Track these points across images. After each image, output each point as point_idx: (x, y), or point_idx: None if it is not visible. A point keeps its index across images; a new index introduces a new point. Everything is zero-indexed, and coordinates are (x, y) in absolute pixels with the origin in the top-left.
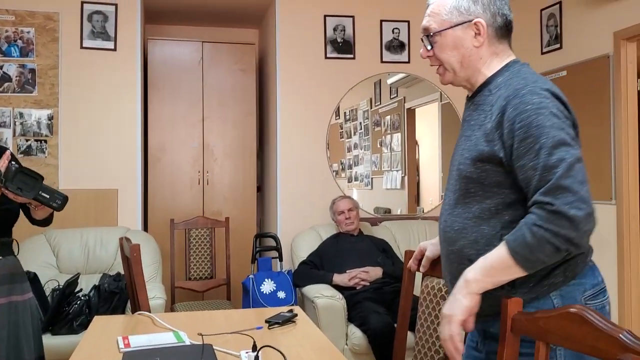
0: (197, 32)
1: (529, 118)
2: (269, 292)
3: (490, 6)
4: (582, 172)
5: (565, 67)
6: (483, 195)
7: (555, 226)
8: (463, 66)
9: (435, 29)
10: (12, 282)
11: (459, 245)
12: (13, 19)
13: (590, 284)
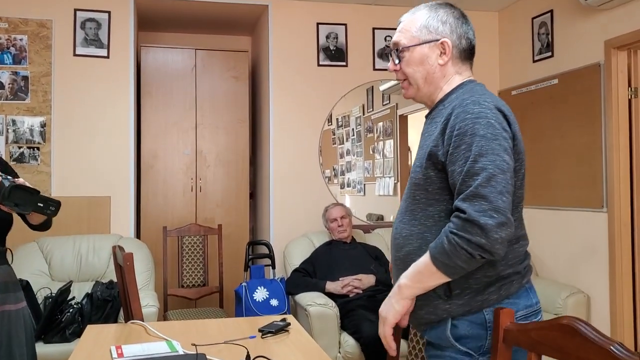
0: (190, 40)
1: (466, 126)
2: (262, 300)
3: (457, 29)
4: (503, 183)
5: (557, 75)
6: (426, 203)
7: (467, 234)
8: (426, 82)
9: (405, 44)
10: (5, 291)
11: (404, 251)
12: (6, 27)
13: (524, 305)
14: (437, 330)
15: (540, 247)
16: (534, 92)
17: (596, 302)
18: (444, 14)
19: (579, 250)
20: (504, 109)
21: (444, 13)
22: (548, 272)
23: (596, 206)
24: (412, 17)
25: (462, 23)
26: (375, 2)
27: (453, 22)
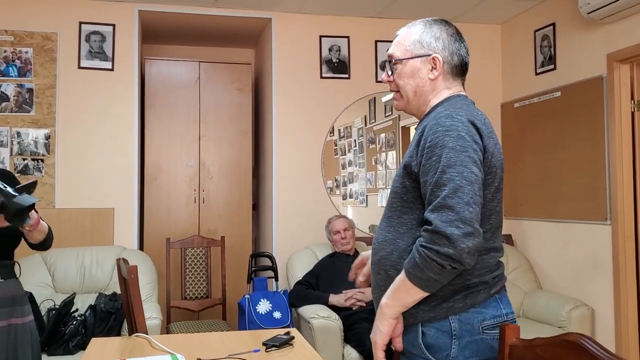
0: (194, 52)
1: (437, 138)
2: (265, 313)
3: (449, 45)
4: (470, 194)
5: (560, 88)
6: (402, 210)
7: (435, 245)
8: (416, 95)
9: (398, 57)
10: (12, 304)
11: (378, 256)
12: (12, 39)
13: (491, 314)
14: (409, 336)
15: (543, 259)
16: (537, 104)
17: (601, 315)
18: (438, 30)
19: (583, 262)
20: (477, 122)
21: (438, 29)
22: (551, 284)
23: (600, 219)
24: (408, 32)
25: (455, 40)
26: (378, 15)
27: (446, 38)
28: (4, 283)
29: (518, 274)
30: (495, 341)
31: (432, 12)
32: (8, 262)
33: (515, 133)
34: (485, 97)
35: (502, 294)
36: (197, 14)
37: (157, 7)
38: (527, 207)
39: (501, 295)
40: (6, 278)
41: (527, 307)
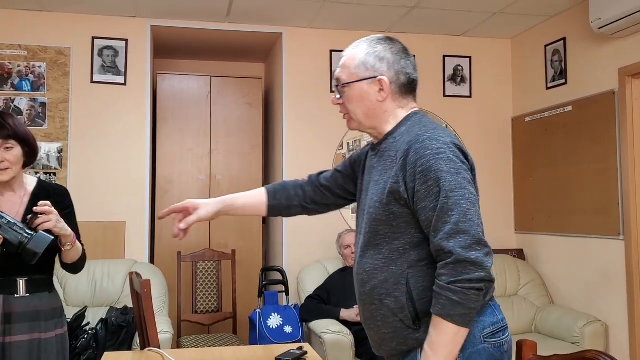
0: (205, 67)
1: (428, 162)
2: (276, 327)
3: (394, 65)
4: (477, 215)
5: (571, 103)
6: (392, 237)
7: (464, 274)
8: (368, 117)
9: (344, 80)
10: (36, 319)
11: (369, 286)
12: (25, 54)
13: (490, 322)
14: (408, 358)
15: (555, 274)
16: (548, 119)
17: (614, 331)
18: (382, 50)
19: (596, 278)
20: (457, 141)
21: (382, 49)
22: (564, 300)
23: (612, 233)
24: (352, 53)
25: (401, 58)
26: (389, 30)
27: (391, 57)
28: (29, 298)
29: (530, 289)
30: (496, 349)
31: (442, 26)
32: (39, 277)
33: (526, 147)
34: (496, 111)
35: (494, 301)
36: (209, 29)
37: (169, 22)
38: (539, 221)
39: (494, 302)
40: (32, 292)
41: (539, 322)
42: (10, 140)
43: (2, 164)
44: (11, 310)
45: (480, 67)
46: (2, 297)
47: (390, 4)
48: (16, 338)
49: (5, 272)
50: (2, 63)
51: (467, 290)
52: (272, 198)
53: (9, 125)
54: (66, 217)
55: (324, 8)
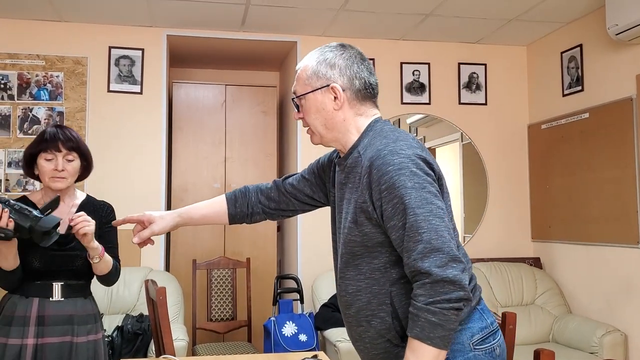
0: (220, 76)
1: (391, 179)
2: (291, 335)
3: (346, 70)
4: (447, 229)
5: (588, 110)
6: (370, 256)
7: (443, 294)
8: (327, 128)
9: (299, 92)
10: (69, 323)
11: (354, 308)
12: (43, 64)
13: (478, 327)
14: None
15: (573, 283)
16: (564, 126)
17: (634, 341)
18: (333, 57)
19: (614, 287)
20: (419, 150)
21: (332, 56)
22: (582, 309)
23: (631, 242)
24: (304, 65)
25: (354, 63)
26: (403, 37)
27: (342, 63)
28: (63, 302)
29: (546, 298)
30: (487, 355)
31: (457, 34)
32: (75, 282)
33: (542, 154)
34: (511, 118)
35: (481, 304)
36: (224, 38)
37: (185, 31)
38: (556, 229)
39: (481, 306)
40: (67, 297)
41: (556, 331)
42: (72, 152)
43: (61, 173)
44: (45, 313)
45: (496, 75)
46: (38, 300)
47: (405, 11)
48: (48, 340)
49: (43, 276)
50: (20, 73)
51: (446, 311)
52: (233, 206)
53: (74, 138)
54: (106, 232)
55: (338, 16)
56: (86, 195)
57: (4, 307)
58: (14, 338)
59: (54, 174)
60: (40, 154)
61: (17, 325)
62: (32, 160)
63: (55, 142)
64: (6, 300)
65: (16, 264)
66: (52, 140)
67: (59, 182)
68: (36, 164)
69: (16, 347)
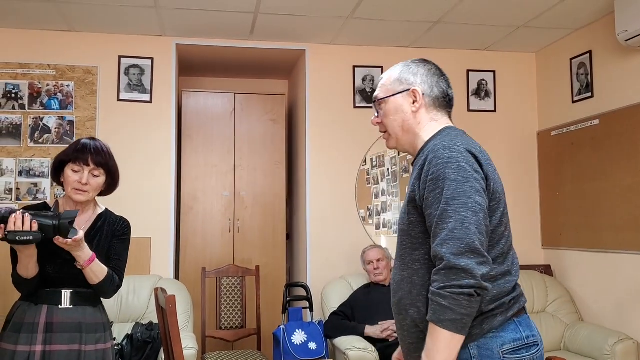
0: (229, 84)
1: (438, 171)
2: (300, 343)
3: (428, 79)
4: (476, 224)
5: (598, 116)
6: (412, 247)
7: (454, 280)
8: (403, 130)
9: (381, 96)
10: (78, 330)
11: (397, 297)
12: (54, 74)
13: (511, 338)
14: None
15: (585, 291)
16: (574, 132)
17: None
18: (416, 67)
19: (626, 294)
20: (475, 151)
21: (415, 67)
22: (594, 317)
23: None
24: (389, 73)
25: (434, 74)
26: (411, 45)
27: (424, 73)
28: (72, 310)
29: (558, 306)
30: None
31: (466, 41)
32: (84, 290)
33: (552, 161)
34: (521, 125)
35: (521, 317)
36: (233, 46)
37: (194, 40)
38: (567, 236)
39: (520, 319)
40: (76, 305)
41: (568, 339)
42: (100, 169)
43: (85, 187)
44: (53, 320)
45: (505, 82)
46: (47, 307)
47: (413, 19)
48: (56, 347)
49: (52, 283)
50: (31, 82)
51: (456, 296)
52: None
53: (105, 154)
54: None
55: (346, 24)
56: (105, 209)
57: (14, 314)
58: (22, 345)
59: (77, 186)
60: (69, 163)
61: (25, 332)
62: (61, 167)
63: (85, 155)
64: (16, 308)
65: (36, 272)
66: (83, 152)
67: (80, 195)
68: (63, 172)
69: (24, 353)
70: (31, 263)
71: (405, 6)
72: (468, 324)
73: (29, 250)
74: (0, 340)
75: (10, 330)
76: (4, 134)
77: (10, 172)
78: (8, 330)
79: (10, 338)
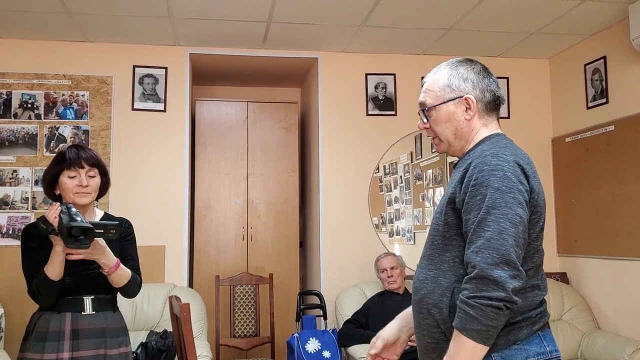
0: (242, 92)
1: (482, 177)
2: (314, 352)
3: (479, 84)
4: (514, 236)
5: (613, 122)
6: (443, 248)
7: (485, 291)
8: (457, 137)
9: (431, 104)
10: (102, 336)
11: (419, 295)
12: (69, 84)
13: (535, 351)
14: None
15: (601, 299)
16: (589, 139)
17: None
18: (465, 71)
19: None
20: (522, 162)
21: (464, 70)
22: (611, 325)
23: None
24: (435, 77)
25: (484, 77)
26: (424, 52)
27: (474, 77)
28: (95, 315)
29: (574, 314)
30: None
31: (479, 48)
32: (103, 296)
33: (567, 168)
34: (535, 132)
35: (545, 331)
36: (246, 55)
37: (208, 50)
38: (582, 244)
39: (544, 333)
40: (97, 310)
41: (585, 348)
42: (94, 169)
43: (86, 188)
44: (79, 327)
45: (518, 88)
46: (70, 315)
47: (426, 26)
48: (82, 353)
49: (73, 291)
50: (47, 92)
51: (485, 307)
52: None
53: (94, 155)
54: (126, 245)
55: (359, 32)
56: (104, 213)
57: (36, 324)
58: (49, 353)
59: (78, 190)
60: (63, 172)
61: (51, 341)
62: (55, 180)
63: (78, 160)
64: (37, 317)
65: (61, 274)
66: (75, 158)
67: (84, 197)
68: (57, 183)
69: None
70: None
71: (417, 13)
72: (494, 335)
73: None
74: (23, 350)
75: (34, 339)
76: (20, 143)
77: (27, 181)
78: (32, 340)
79: (35, 347)
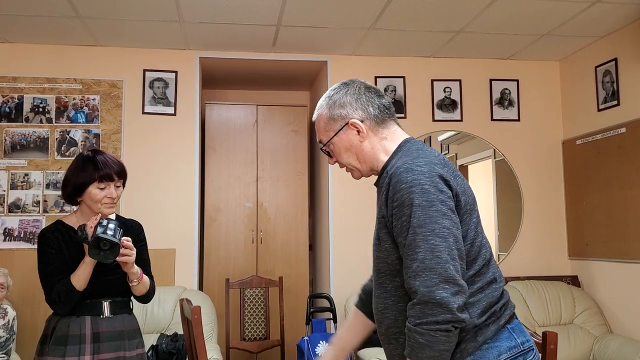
0: (251, 96)
1: (402, 197)
2: None
3: (357, 103)
4: (447, 251)
5: (624, 124)
6: (391, 273)
7: (430, 316)
8: (361, 161)
9: (325, 140)
10: (120, 338)
11: (384, 326)
12: (80, 87)
13: (506, 347)
14: None
15: (613, 302)
16: (600, 141)
17: None
18: (340, 97)
19: None
20: (438, 168)
21: (339, 97)
22: (623, 329)
23: None
24: (318, 114)
25: (360, 95)
26: (433, 55)
27: (350, 99)
28: (113, 318)
29: (586, 317)
30: None
31: (489, 50)
32: (120, 299)
33: (578, 170)
34: (545, 134)
35: (512, 323)
36: (255, 59)
37: (217, 53)
38: (593, 247)
39: (512, 325)
40: (115, 314)
41: (597, 352)
42: (121, 179)
43: (114, 200)
44: (99, 330)
45: (528, 90)
46: (90, 318)
47: (435, 29)
48: (104, 356)
49: (91, 295)
50: (58, 96)
51: (433, 332)
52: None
53: (121, 165)
54: (139, 249)
55: (368, 35)
56: (115, 216)
57: (56, 328)
58: (70, 356)
59: (107, 201)
60: (94, 183)
61: (73, 344)
62: (82, 188)
63: (109, 173)
64: (56, 321)
65: (86, 285)
66: (106, 170)
67: (111, 208)
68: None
69: None
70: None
71: (426, 16)
72: (448, 357)
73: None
74: (42, 354)
75: (53, 343)
76: (32, 147)
77: (38, 185)
78: (51, 344)
79: (55, 351)
